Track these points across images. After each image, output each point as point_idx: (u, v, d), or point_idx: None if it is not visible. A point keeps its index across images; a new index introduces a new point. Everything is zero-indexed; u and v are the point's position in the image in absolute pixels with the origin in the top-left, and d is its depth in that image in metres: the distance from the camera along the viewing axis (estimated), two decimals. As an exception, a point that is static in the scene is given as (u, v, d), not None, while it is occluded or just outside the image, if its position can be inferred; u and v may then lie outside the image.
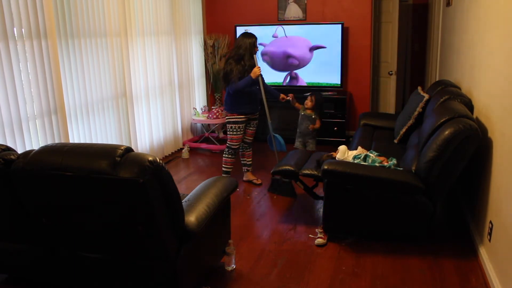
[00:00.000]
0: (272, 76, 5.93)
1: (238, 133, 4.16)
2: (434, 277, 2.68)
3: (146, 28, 4.87)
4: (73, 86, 3.84)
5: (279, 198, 3.97)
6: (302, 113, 4.76)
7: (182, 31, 5.60)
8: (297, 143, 4.83)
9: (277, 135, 4.44)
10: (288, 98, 4.36)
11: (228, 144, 4.22)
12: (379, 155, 3.30)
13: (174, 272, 2.19)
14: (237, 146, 4.23)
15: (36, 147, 2.94)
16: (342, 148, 3.44)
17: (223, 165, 4.28)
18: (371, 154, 3.27)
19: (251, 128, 4.29)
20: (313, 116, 4.70)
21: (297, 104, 4.79)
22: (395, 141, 4.03)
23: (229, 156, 4.24)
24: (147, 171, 1.93)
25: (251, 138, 4.37)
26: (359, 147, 3.49)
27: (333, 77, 5.72)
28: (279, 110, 5.89)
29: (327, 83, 5.76)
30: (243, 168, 4.48)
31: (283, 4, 5.96)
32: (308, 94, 4.88)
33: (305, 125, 4.75)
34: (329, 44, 5.64)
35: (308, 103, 4.70)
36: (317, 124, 4.69)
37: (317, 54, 5.73)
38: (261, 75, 4.05)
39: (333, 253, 2.99)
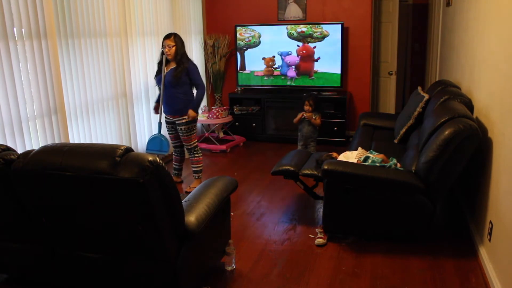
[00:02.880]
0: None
1: None
2: (434, 277, 2.68)
3: (146, 28, 4.87)
4: (73, 86, 3.84)
5: (278, 198, 3.97)
6: (303, 117, 4.77)
7: (182, 31, 5.60)
8: (299, 147, 4.85)
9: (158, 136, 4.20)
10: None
11: (196, 143, 4.16)
12: (378, 154, 3.30)
13: (174, 272, 2.19)
14: None
15: (36, 147, 2.94)
16: (345, 154, 3.45)
17: (200, 165, 4.22)
18: (371, 155, 3.27)
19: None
20: (313, 117, 4.71)
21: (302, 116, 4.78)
22: (395, 141, 4.03)
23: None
24: (147, 171, 1.93)
25: None
26: (359, 148, 3.49)
27: (333, 77, 5.72)
28: (280, 110, 5.90)
29: (327, 83, 5.77)
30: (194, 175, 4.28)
31: (283, 4, 5.96)
32: (305, 96, 4.87)
33: (307, 129, 4.76)
34: (329, 44, 5.65)
35: (308, 108, 4.71)
36: (318, 120, 4.70)
37: (317, 54, 5.73)
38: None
39: (333, 253, 2.99)
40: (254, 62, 6.02)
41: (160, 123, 4.21)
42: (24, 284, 2.63)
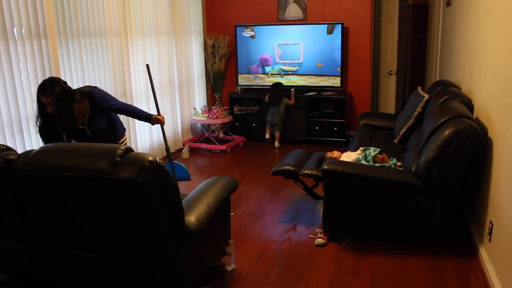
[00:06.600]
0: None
1: None
2: (434, 277, 2.68)
3: (146, 28, 4.87)
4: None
5: (278, 198, 3.97)
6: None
7: (182, 31, 5.60)
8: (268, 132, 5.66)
9: (178, 163, 3.96)
10: None
11: None
12: (380, 153, 3.30)
13: (174, 272, 2.19)
14: None
15: (36, 147, 2.93)
16: (347, 154, 3.45)
17: None
18: (370, 148, 3.28)
19: None
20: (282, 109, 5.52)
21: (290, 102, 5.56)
22: (395, 141, 4.03)
23: None
24: (147, 171, 1.93)
25: None
26: (360, 148, 3.49)
27: (333, 78, 5.72)
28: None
29: (327, 83, 5.77)
30: None
31: (283, 4, 5.96)
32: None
33: (273, 117, 5.58)
34: (329, 44, 5.65)
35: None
36: (292, 100, 5.62)
37: (317, 54, 5.73)
38: None
39: (333, 253, 2.99)
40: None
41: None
42: (24, 284, 2.64)
